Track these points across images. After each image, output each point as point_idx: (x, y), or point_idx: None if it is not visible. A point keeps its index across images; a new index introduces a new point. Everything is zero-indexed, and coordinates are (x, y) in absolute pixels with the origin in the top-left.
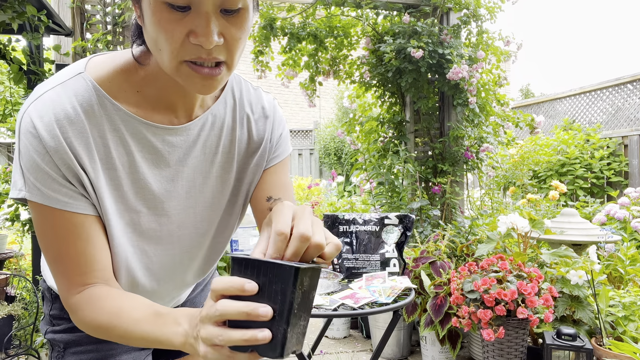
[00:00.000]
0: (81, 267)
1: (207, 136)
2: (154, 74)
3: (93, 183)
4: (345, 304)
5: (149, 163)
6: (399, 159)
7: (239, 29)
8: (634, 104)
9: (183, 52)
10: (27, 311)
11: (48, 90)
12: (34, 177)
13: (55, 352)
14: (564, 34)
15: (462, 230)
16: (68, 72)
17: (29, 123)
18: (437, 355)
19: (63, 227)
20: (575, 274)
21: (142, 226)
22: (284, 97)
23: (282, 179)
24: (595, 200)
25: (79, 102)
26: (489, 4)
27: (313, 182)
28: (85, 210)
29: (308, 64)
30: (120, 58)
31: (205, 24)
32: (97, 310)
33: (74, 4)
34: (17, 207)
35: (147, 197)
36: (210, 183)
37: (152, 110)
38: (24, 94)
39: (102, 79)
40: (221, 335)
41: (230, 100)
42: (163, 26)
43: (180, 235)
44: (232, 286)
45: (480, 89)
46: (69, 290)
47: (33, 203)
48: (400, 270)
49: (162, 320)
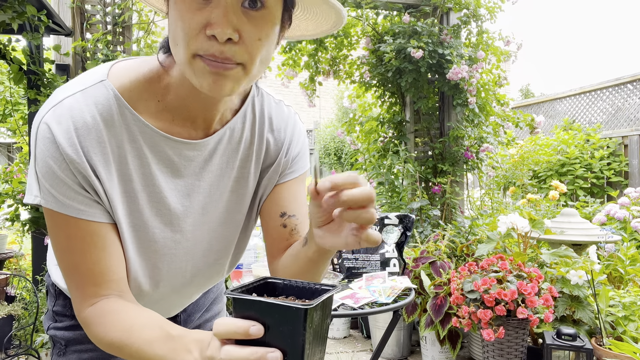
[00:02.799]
0: (95, 276)
1: (223, 150)
2: (175, 83)
3: (108, 194)
4: (345, 304)
5: (165, 175)
6: (399, 159)
7: (258, 29)
8: (634, 104)
9: (197, 44)
10: (27, 311)
11: (68, 96)
12: (49, 183)
13: (56, 349)
14: (563, 34)
15: (462, 230)
16: (90, 78)
17: (47, 129)
18: (437, 355)
19: (77, 236)
20: (575, 274)
21: (156, 243)
22: (284, 97)
23: (298, 195)
24: (595, 200)
25: (99, 111)
26: (489, 4)
27: None
28: (100, 218)
29: (308, 64)
30: (144, 66)
31: (223, 14)
32: (108, 326)
33: (74, 4)
34: (17, 207)
35: (162, 211)
36: (224, 198)
37: (172, 122)
38: (24, 94)
39: (124, 87)
40: None
41: (250, 115)
42: (183, 15)
43: (195, 253)
44: (235, 332)
45: (480, 89)
46: (81, 303)
47: (48, 210)
48: (400, 270)
49: (173, 345)
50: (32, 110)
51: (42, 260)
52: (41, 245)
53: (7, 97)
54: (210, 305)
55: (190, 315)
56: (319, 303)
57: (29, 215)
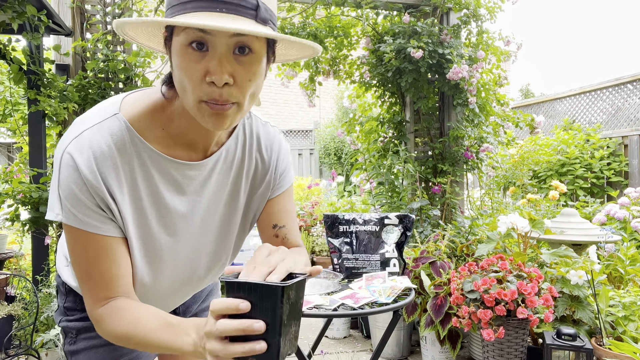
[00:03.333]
0: (106, 282)
1: (220, 169)
2: (177, 113)
3: (121, 211)
4: (345, 304)
5: (170, 193)
6: (399, 159)
7: (248, 71)
8: (634, 104)
9: (201, 92)
10: (27, 311)
11: (87, 129)
12: (71, 204)
13: (68, 339)
14: (563, 34)
15: (462, 230)
16: (105, 111)
17: (70, 158)
18: (437, 355)
19: (92, 248)
20: (575, 274)
21: (162, 251)
22: (284, 97)
23: (286, 207)
24: (595, 200)
25: (113, 141)
26: (489, 4)
27: (313, 182)
28: (113, 233)
29: (308, 63)
30: (150, 98)
31: (218, 63)
32: (117, 320)
33: (74, 4)
34: (17, 207)
35: (168, 224)
36: (219, 211)
37: (174, 146)
38: (24, 94)
39: (133, 118)
40: (224, 350)
41: (242, 136)
42: (185, 65)
43: (193, 258)
44: (228, 307)
45: (480, 89)
46: (94, 304)
47: (68, 226)
48: (400, 270)
49: (174, 330)
50: (32, 110)
51: (42, 260)
52: (41, 245)
53: (7, 97)
54: (206, 297)
55: (188, 307)
56: (293, 283)
57: (29, 215)
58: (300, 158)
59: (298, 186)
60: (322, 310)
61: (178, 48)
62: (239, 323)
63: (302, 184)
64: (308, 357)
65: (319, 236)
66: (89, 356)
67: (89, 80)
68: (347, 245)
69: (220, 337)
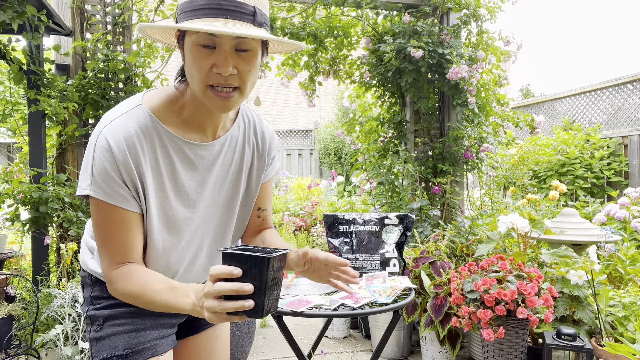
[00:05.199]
0: (122, 250)
1: (226, 151)
2: (189, 102)
3: (144, 186)
4: (345, 304)
5: (185, 170)
6: (399, 159)
7: (248, 64)
8: (634, 104)
9: (208, 79)
10: (27, 311)
11: (117, 117)
12: (102, 179)
13: (94, 326)
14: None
15: (462, 230)
16: (130, 104)
17: (104, 140)
18: (437, 355)
19: (114, 220)
20: (575, 274)
21: (178, 220)
22: (284, 97)
23: (268, 193)
24: (595, 200)
25: (139, 126)
26: (489, 4)
27: (313, 182)
28: (133, 208)
29: (308, 63)
30: (165, 92)
31: (224, 59)
32: (128, 282)
33: (74, 4)
34: (17, 207)
35: (183, 196)
36: (225, 188)
37: (188, 130)
38: (24, 94)
39: (154, 108)
40: (219, 306)
41: (242, 125)
42: (196, 60)
43: (204, 228)
44: (224, 272)
45: (480, 89)
46: (110, 265)
47: (95, 200)
48: (400, 270)
49: (176, 292)
50: (32, 110)
51: (42, 260)
52: (41, 245)
53: (7, 97)
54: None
55: None
56: (277, 255)
57: (29, 215)
58: (300, 158)
59: (298, 186)
60: (322, 310)
61: (190, 46)
62: (232, 285)
63: (302, 184)
64: (308, 357)
65: (319, 236)
66: (113, 341)
67: (89, 80)
68: (347, 245)
69: (217, 296)
